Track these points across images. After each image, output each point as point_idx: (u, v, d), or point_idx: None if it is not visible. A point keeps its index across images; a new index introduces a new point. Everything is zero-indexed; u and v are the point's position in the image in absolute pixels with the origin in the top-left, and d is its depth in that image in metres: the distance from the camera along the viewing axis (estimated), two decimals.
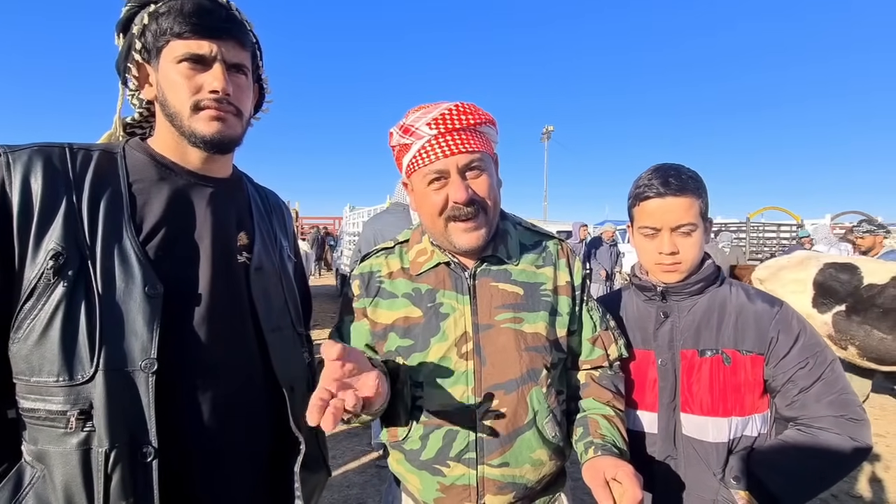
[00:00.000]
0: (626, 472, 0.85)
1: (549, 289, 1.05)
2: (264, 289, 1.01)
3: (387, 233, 2.88)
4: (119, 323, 0.82)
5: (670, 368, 1.13)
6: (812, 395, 1.04)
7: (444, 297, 1.01)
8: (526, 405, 0.97)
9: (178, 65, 0.90)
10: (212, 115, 0.91)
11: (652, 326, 1.17)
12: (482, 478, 0.96)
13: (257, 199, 1.13)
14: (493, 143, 1.03)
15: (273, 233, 1.12)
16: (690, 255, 1.11)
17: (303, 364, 1.07)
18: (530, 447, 0.97)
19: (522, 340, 0.99)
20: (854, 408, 1.03)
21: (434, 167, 0.95)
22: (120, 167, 0.91)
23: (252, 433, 0.97)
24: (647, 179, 1.13)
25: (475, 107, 0.98)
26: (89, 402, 0.80)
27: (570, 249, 1.15)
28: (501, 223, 1.08)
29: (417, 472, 1.00)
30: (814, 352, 1.06)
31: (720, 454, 1.07)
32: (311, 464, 1.03)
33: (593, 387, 1.07)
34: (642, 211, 1.14)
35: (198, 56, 0.90)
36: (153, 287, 0.84)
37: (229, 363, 0.94)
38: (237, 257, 0.99)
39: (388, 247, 1.12)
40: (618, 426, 1.01)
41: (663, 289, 1.16)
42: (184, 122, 0.91)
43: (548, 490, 1.05)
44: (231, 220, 1.01)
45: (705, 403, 1.08)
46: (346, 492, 3.02)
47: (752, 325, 1.10)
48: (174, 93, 0.91)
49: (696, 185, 1.11)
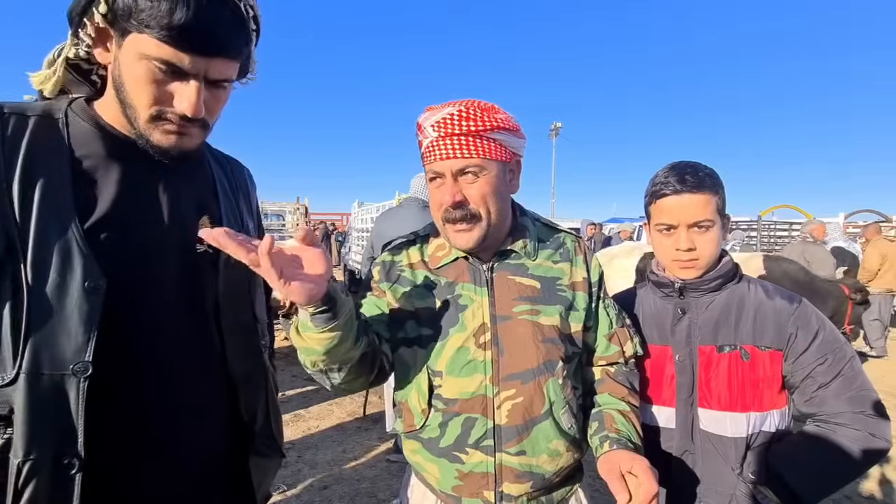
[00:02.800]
0: (642, 465, 0.87)
1: (565, 284, 1.06)
2: (228, 280, 0.93)
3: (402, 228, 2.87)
4: (50, 321, 0.72)
5: (688, 364, 1.14)
6: (831, 391, 1.05)
7: (462, 289, 1.04)
8: (542, 395, 0.99)
9: (147, 62, 0.74)
10: (171, 130, 0.80)
11: (669, 322, 1.18)
12: (500, 465, 0.98)
13: (222, 176, 1.01)
14: (506, 148, 1.01)
15: (240, 214, 1.03)
16: (707, 251, 1.12)
17: (261, 356, 1.03)
18: (547, 437, 0.99)
19: (539, 332, 1.01)
20: (873, 404, 1.04)
21: (433, 167, 1.00)
22: (62, 138, 0.78)
23: (202, 429, 0.92)
24: (663, 177, 1.14)
25: (486, 111, 0.97)
26: (9, 407, 0.72)
27: (587, 246, 1.16)
28: (520, 219, 1.10)
29: (436, 459, 1.02)
30: (833, 348, 1.07)
31: (738, 449, 1.08)
32: (263, 450, 1.02)
33: (608, 382, 1.09)
34: (659, 208, 1.15)
35: (175, 67, 0.75)
36: (94, 281, 0.74)
37: (181, 361, 0.87)
38: (197, 246, 0.88)
39: (410, 239, 1.14)
40: (633, 421, 1.03)
41: (681, 285, 1.17)
42: (138, 122, 0.79)
43: (565, 483, 1.07)
44: (191, 204, 0.91)
45: (723, 398, 1.09)
46: (356, 485, 3.05)
47: (770, 322, 1.10)
48: (135, 90, 0.77)
49: (713, 182, 1.12)
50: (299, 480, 3.09)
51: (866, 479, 3.21)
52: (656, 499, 0.83)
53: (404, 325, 1.05)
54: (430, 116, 0.98)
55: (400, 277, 1.08)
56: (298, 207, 9.60)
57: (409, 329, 1.05)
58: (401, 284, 1.08)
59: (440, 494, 1.05)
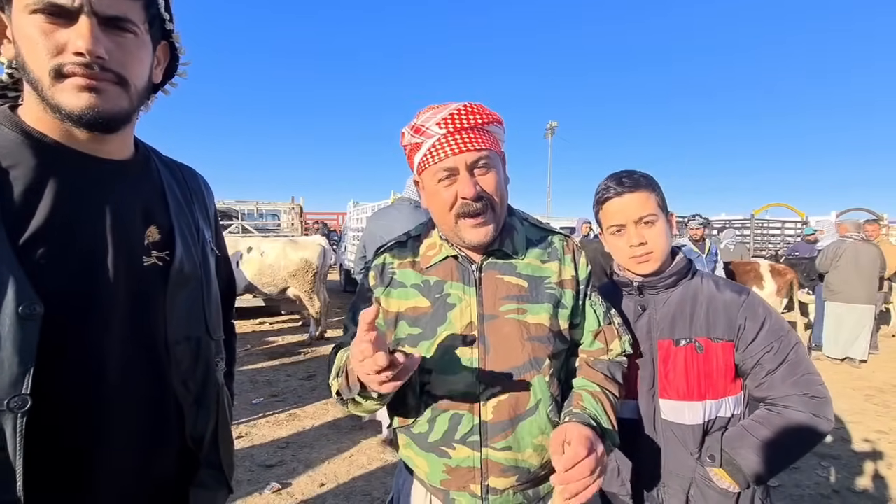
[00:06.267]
0: (579, 434, 0.88)
1: (553, 282, 1.08)
2: (180, 295, 0.87)
3: (393, 228, 2.91)
4: None
5: (649, 358, 1.21)
6: (778, 376, 1.13)
7: (451, 288, 1.05)
8: (528, 392, 1.01)
9: (31, 16, 0.69)
10: (79, 85, 0.71)
11: (631, 319, 1.25)
12: (486, 460, 1.00)
13: (172, 183, 0.94)
14: (500, 142, 1.07)
15: (195, 224, 0.95)
16: (659, 243, 1.19)
17: (213, 375, 0.95)
18: (532, 433, 1.01)
19: (525, 331, 1.02)
20: (816, 387, 1.12)
21: (444, 164, 0.99)
22: None
23: (151, 458, 0.85)
24: (604, 184, 1.24)
25: (482, 107, 1.01)
26: None
27: (576, 245, 1.18)
28: (509, 219, 1.11)
29: (425, 454, 1.04)
30: (778, 336, 1.15)
31: (696, 435, 1.15)
32: (207, 481, 0.94)
33: (585, 369, 1.12)
34: (606, 212, 1.24)
35: (55, 5, 0.68)
36: (29, 307, 0.66)
37: (129, 385, 0.80)
38: (143, 259, 0.82)
39: (402, 240, 1.16)
40: (602, 402, 1.03)
41: (640, 283, 1.24)
42: (45, 91, 0.71)
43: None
44: (136, 213, 0.83)
45: (681, 389, 1.16)
46: (351, 484, 3.07)
47: (721, 314, 1.18)
48: (30, 53, 0.70)
49: (648, 182, 1.21)
50: (294, 479, 3.12)
51: (856, 474, 3.25)
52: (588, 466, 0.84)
53: (397, 326, 1.08)
54: (432, 116, 0.98)
55: (392, 280, 1.10)
56: (293, 207, 9.60)
57: (401, 329, 1.07)
58: (393, 287, 1.10)
59: (430, 487, 1.07)
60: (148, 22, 0.79)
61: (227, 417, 1.02)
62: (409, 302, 1.07)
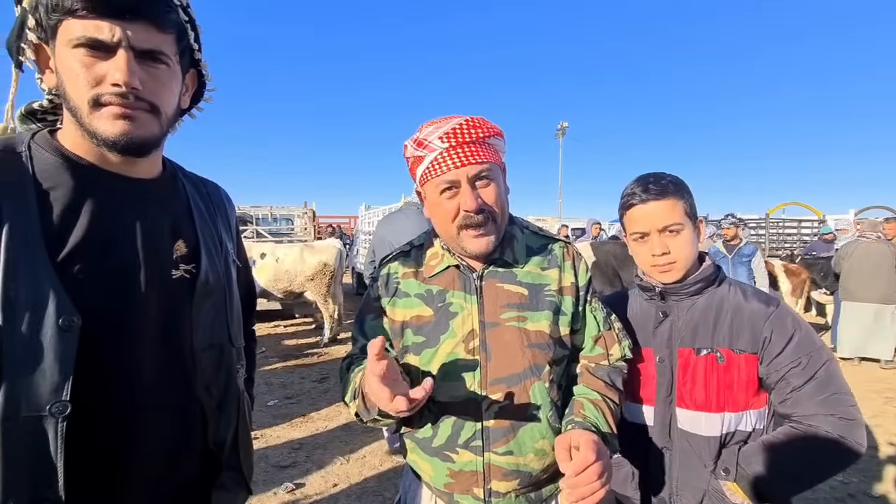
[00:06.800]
0: (587, 439, 0.89)
1: (553, 289, 1.09)
2: (205, 306, 0.91)
3: (400, 232, 2.95)
4: (24, 361, 0.69)
5: (667, 365, 1.19)
6: (805, 393, 1.07)
7: (453, 297, 1.08)
8: (529, 398, 1.03)
9: (74, 50, 0.74)
10: (115, 113, 0.76)
11: (651, 325, 1.23)
12: (488, 464, 1.02)
13: (197, 198, 0.99)
14: (501, 154, 1.09)
15: (218, 237, 1.00)
16: (683, 253, 1.16)
17: (234, 381, 1.00)
18: (533, 437, 1.02)
19: (526, 337, 1.04)
20: (846, 407, 1.05)
21: (446, 177, 1.01)
22: (26, 171, 0.76)
23: (178, 461, 0.89)
24: (630, 189, 1.21)
25: (484, 120, 1.04)
26: None
27: (577, 252, 1.19)
28: (509, 228, 1.13)
29: (429, 458, 1.07)
30: (808, 351, 1.09)
31: (712, 448, 1.12)
32: (228, 483, 0.98)
33: (586, 376, 1.12)
34: (630, 218, 1.21)
35: (96, 41, 0.74)
36: (69, 318, 0.71)
37: (159, 391, 0.85)
38: (171, 272, 0.87)
39: (405, 250, 1.19)
40: (603, 410, 1.04)
41: (662, 289, 1.21)
42: (84, 119, 0.77)
43: (554, 479, 1.09)
44: (165, 229, 0.89)
45: (699, 399, 1.13)
46: (363, 484, 3.11)
47: (746, 325, 1.13)
48: (71, 84, 0.76)
49: (677, 188, 1.17)
50: (308, 479, 3.16)
51: (873, 479, 3.19)
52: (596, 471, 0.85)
53: (403, 334, 1.10)
54: (434, 130, 1.01)
55: (397, 289, 1.13)
56: (306, 212, 9.70)
57: (407, 337, 1.10)
58: (398, 296, 1.12)
59: (435, 490, 1.09)
60: (179, 53, 0.85)
61: (248, 421, 1.06)
62: (413, 311, 1.09)
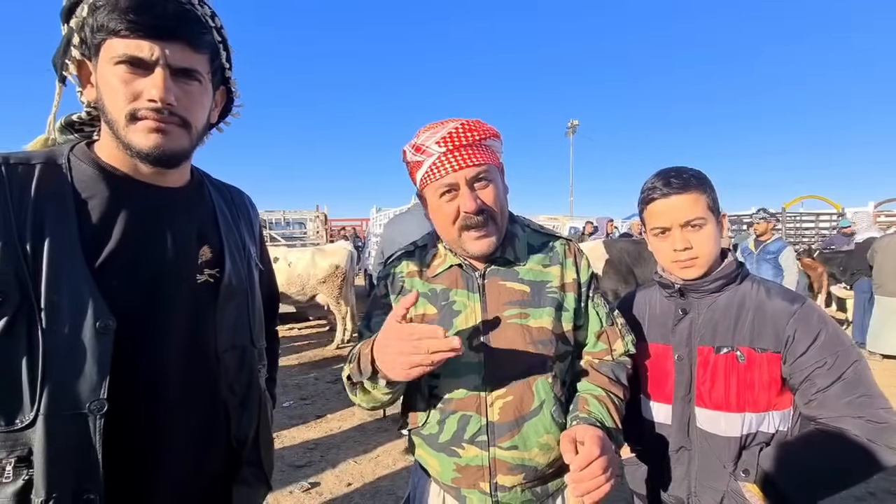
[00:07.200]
0: (592, 434, 0.91)
1: (555, 286, 1.11)
2: (228, 308, 0.96)
3: (408, 233, 2.99)
4: (65, 363, 0.74)
5: (686, 363, 1.16)
6: (831, 394, 1.02)
7: (456, 295, 1.10)
8: (532, 393, 1.04)
9: (115, 66, 0.79)
10: (149, 127, 0.81)
11: (671, 322, 1.20)
12: (494, 459, 1.03)
13: (222, 204, 1.03)
14: (498, 155, 1.11)
15: (242, 241, 1.05)
16: (705, 249, 1.13)
17: (256, 381, 1.04)
18: (537, 432, 1.04)
19: (528, 334, 1.06)
20: (876, 410, 1.00)
21: (445, 181, 1.03)
22: (66, 182, 0.81)
23: (204, 456, 0.94)
24: (650, 183, 1.18)
25: (479, 122, 1.06)
26: (28, 449, 0.73)
27: (578, 249, 1.20)
28: (510, 226, 1.15)
29: (436, 454, 1.09)
30: (834, 351, 1.04)
31: (731, 448, 1.09)
32: (249, 478, 1.02)
33: (591, 373, 1.13)
34: (651, 213, 1.18)
35: (136, 59, 0.79)
36: (105, 322, 0.77)
37: (186, 389, 0.90)
38: (197, 276, 0.92)
39: (409, 251, 1.22)
40: (607, 406, 1.05)
41: (681, 286, 1.19)
42: (120, 131, 0.82)
43: (560, 473, 1.10)
44: (191, 236, 0.93)
45: (718, 398, 1.10)
46: (377, 483, 3.15)
47: (769, 323, 1.10)
48: (110, 98, 0.81)
49: (699, 182, 1.14)
50: (323, 479, 3.20)
51: (894, 475, 3.13)
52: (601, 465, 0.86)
53: None
54: (431, 135, 1.03)
55: (402, 289, 1.15)
56: (318, 215, 9.83)
57: None
58: (403, 295, 1.14)
59: (442, 485, 1.12)
60: (211, 72, 0.90)
61: (268, 419, 1.10)
62: (418, 310, 1.11)
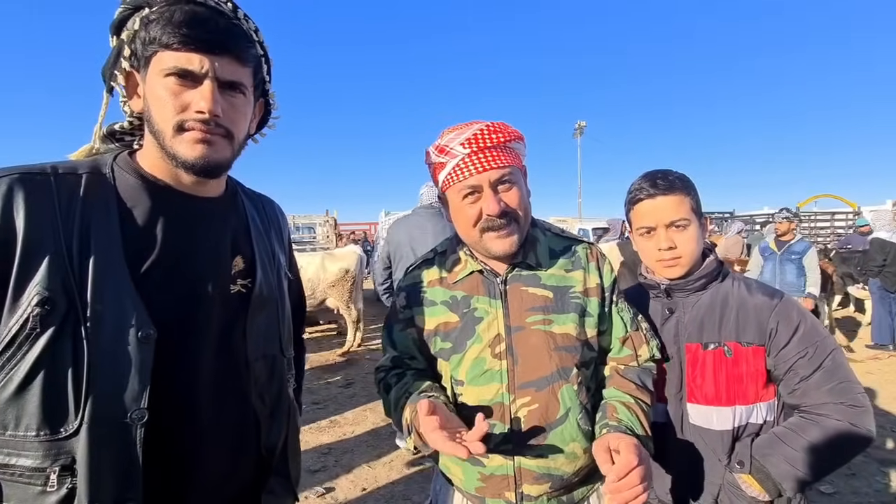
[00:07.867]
0: (627, 442, 0.90)
1: (578, 291, 1.09)
2: (258, 318, 0.97)
3: (418, 235, 2.94)
4: (108, 372, 0.75)
5: (676, 361, 1.20)
6: (812, 383, 1.09)
7: (478, 302, 1.09)
8: (557, 401, 1.03)
9: (164, 78, 0.81)
10: (196, 138, 0.83)
11: (658, 322, 1.24)
12: (519, 468, 1.02)
13: (254, 214, 1.05)
14: (521, 158, 1.11)
15: (272, 251, 1.06)
16: (688, 248, 1.18)
17: (285, 390, 1.05)
18: (563, 440, 1.02)
19: (552, 341, 1.04)
20: (855, 395, 1.07)
21: (468, 182, 1.03)
22: (111, 191, 0.83)
23: (231, 462, 0.95)
24: (637, 184, 1.23)
25: (504, 125, 1.06)
26: (72, 457, 0.73)
27: (600, 253, 1.19)
28: (532, 231, 1.14)
29: (460, 463, 1.07)
30: (813, 341, 1.11)
31: (725, 441, 1.13)
32: (276, 489, 1.03)
33: (616, 378, 1.12)
34: (637, 213, 1.23)
35: (186, 71, 0.81)
36: (146, 331, 0.78)
37: (219, 399, 0.91)
38: (231, 287, 0.93)
39: (429, 258, 1.21)
40: (636, 413, 1.03)
41: (667, 286, 1.23)
42: (166, 141, 0.83)
43: (586, 481, 1.10)
44: (226, 246, 0.94)
45: (709, 394, 1.14)
46: (391, 488, 3.14)
47: (752, 318, 1.15)
48: (158, 109, 0.82)
49: (684, 185, 1.19)
50: (337, 483, 3.21)
51: None
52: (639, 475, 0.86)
53: (430, 342, 1.12)
54: (456, 136, 1.03)
55: (423, 298, 1.15)
56: (328, 220, 9.88)
57: (434, 344, 1.12)
58: (424, 304, 1.14)
59: (466, 494, 1.10)
60: (254, 85, 0.92)
61: (297, 429, 1.10)
62: (440, 318, 1.11)
